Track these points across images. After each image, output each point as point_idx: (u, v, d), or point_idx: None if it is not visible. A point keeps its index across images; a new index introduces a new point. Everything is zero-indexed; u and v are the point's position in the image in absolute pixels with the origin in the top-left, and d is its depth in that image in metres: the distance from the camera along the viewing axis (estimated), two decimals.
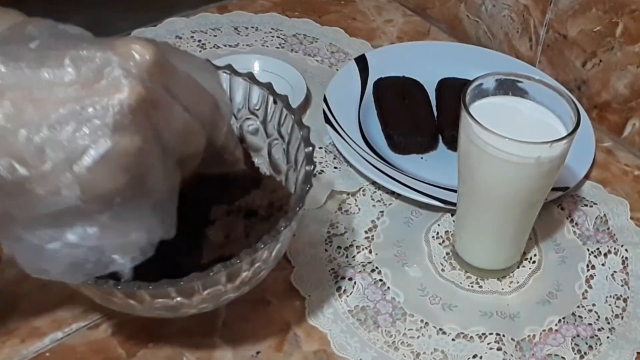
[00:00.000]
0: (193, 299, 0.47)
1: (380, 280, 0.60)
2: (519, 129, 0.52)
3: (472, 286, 0.61)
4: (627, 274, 0.63)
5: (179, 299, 0.46)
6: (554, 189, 0.62)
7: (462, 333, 0.57)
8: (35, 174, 0.36)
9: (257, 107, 0.55)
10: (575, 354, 0.56)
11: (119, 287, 0.43)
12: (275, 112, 0.54)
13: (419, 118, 0.74)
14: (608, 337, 0.58)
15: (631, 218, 0.67)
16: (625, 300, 0.61)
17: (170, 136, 0.40)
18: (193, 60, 0.44)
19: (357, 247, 0.63)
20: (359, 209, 0.66)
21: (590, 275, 0.62)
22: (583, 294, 0.61)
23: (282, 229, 0.47)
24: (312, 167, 0.49)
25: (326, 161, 0.71)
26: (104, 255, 0.40)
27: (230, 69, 0.55)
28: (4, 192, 0.36)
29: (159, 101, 0.38)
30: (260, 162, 0.58)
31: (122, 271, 0.42)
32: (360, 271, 0.61)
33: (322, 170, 0.69)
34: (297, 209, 0.48)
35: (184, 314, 0.50)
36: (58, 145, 0.35)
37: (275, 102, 0.54)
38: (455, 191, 0.60)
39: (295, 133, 0.52)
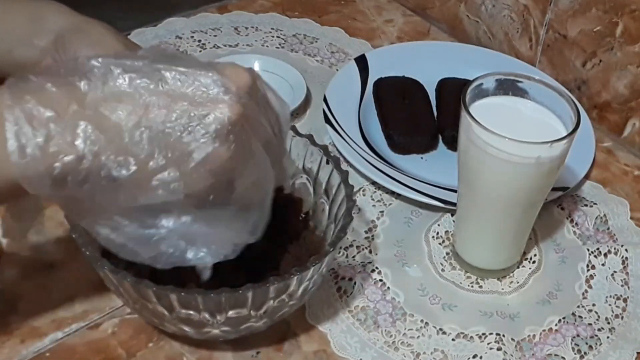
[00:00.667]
0: (217, 317, 0.48)
1: (380, 280, 0.60)
2: (519, 129, 0.52)
3: (472, 286, 0.61)
4: (627, 274, 0.63)
5: (205, 314, 0.48)
6: (554, 189, 0.62)
7: (462, 333, 0.57)
8: (144, 170, 0.41)
9: (310, 166, 0.58)
10: (575, 354, 0.56)
11: (154, 288, 0.46)
12: (325, 171, 0.57)
13: (419, 118, 0.74)
14: (608, 337, 0.58)
15: (631, 218, 0.67)
16: (625, 300, 0.61)
17: (258, 146, 0.45)
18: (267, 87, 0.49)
19: (357, 247, 0.63)
20: (359, 209, 0.66)
21: (590, 275, 0.62)
22: (583, 294, 0.61)
23: (313, 265, 0.49)
24: (350, 219, 0.53)
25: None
26: (190, 246, 0.45)
27: (294, 130, 0.58)
28: (116, 185, 0.41)
29: (252, 117, 0.44)
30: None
31: (202, 268, 0.46)
32: (360, 271, 0.61)
33: None
34: (330, 250, 0.50)
35: (206, 335, 0.50)
36: (169, 145, 0.41)
37: (327, 162, 0.57)
38: (455, 191, 0.60)
39: (340, 191, 0.55)
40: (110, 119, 0.41)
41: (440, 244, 0.64)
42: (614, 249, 0.64)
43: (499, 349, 0.56)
